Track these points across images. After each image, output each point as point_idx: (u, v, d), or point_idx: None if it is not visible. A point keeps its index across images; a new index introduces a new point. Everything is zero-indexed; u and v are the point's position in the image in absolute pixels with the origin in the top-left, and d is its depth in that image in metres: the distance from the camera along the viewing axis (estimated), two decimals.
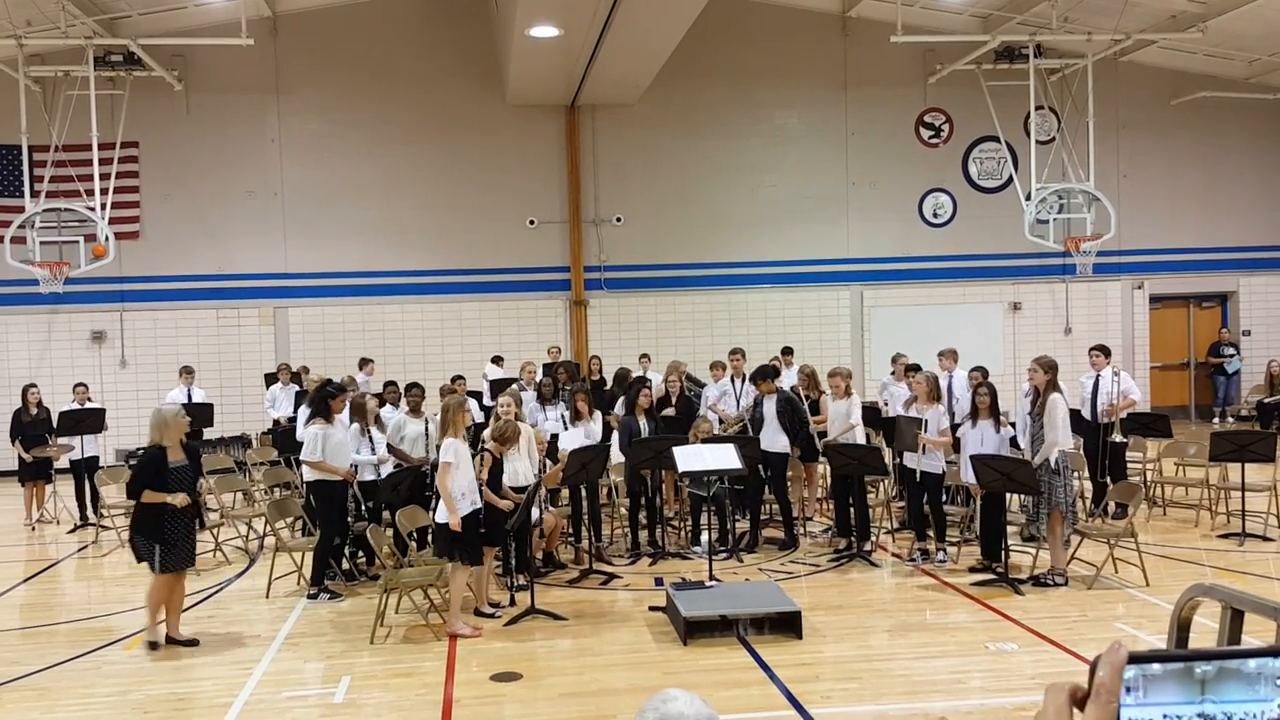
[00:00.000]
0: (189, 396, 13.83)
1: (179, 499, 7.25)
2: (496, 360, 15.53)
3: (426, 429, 9.73)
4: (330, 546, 8.86)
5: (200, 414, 13.66)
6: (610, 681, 6.64)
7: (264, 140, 17.23)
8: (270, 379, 15.39)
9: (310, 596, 8.72)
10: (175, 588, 7.57)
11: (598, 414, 10.48)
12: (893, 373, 12.74)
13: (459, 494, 7.56)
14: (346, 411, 9.30)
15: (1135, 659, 0.89)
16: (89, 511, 12.20)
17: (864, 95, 18.13)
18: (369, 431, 9.39)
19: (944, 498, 9.71)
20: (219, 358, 16.98)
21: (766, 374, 10.54)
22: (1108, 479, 10.54)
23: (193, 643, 7.51)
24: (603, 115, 17.69)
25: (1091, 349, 11.47)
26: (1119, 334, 18.34)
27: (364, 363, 15.19)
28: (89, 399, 13.07)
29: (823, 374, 11.24)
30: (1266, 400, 17.18)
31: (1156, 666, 0.89)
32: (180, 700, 6.49)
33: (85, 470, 12.29)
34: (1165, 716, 0.89)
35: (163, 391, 15.42)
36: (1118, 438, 10.72)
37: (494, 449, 8.18)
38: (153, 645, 7.44)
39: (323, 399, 8.94)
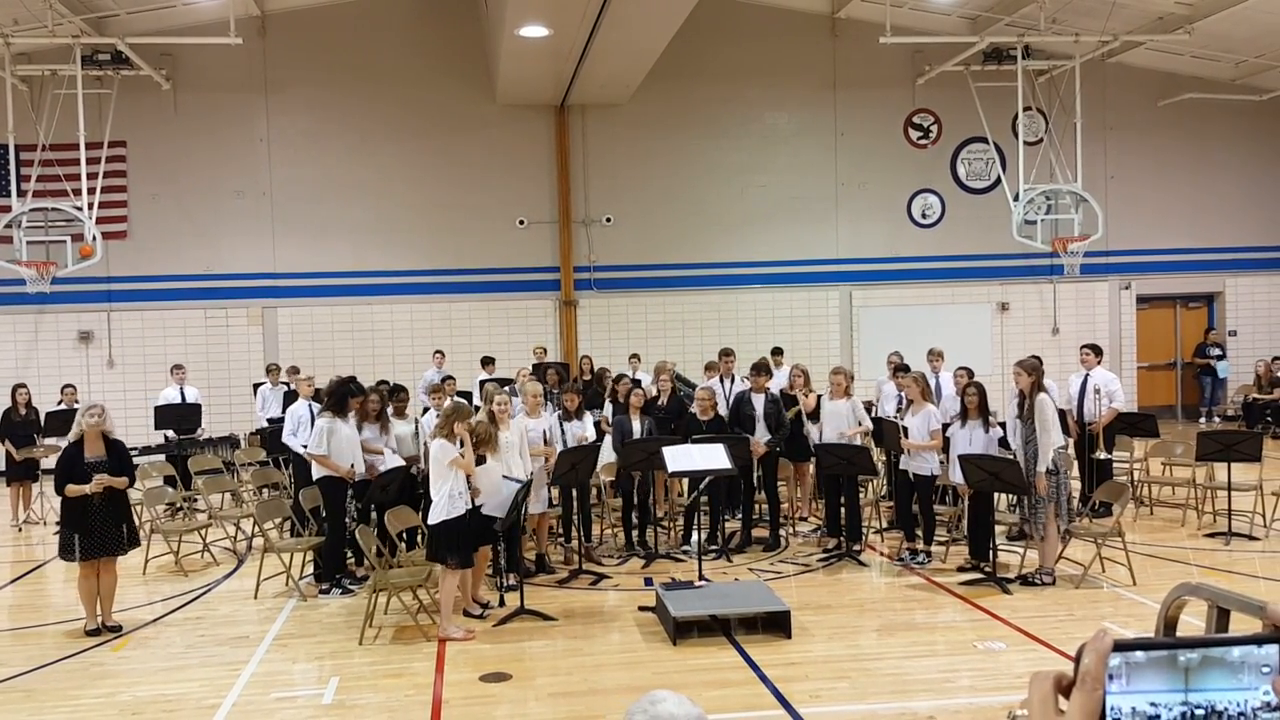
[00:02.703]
0: (181, 395, 13.76)
1: (91, 488, 7.63)
2: (486, 362, 15.48)
3: (417, 429, 9.72)
4: (341, 542, 8.93)
5: (189, 414, 13.61)
6: (600, 682, 6.64)
7: (252, 140, 17.18)
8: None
9: (323, 592, 8.79)
10: (104, 575, 7.92)
11: (588, 415, 10.43)
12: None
13: (455, 492, 7.55)
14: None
15: (1120, 646, 0.90)
16: None
17: (853, 96, 18.17)
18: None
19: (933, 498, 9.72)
20: (207, 358, 16.90)
21: (763, 369, 10.51)
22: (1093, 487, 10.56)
23: (116, 628, 7.94)
24: (592, 115, 17.69)
25: (1083, 347, 11.54)
26: (1106, 334, 18.41)
27: (436, 353, 15.78)
28: (77, 400, 13.01)
29: (813, 374, 11.25)
30: (1255, 399, 17.26)
31: (1141, 654, 0.90)
32: (169, 702, 6.47)
33: None
34: (1151, 704, 0.89)
35: (150, 391, 15.37)
36: (1101, 455, 10.76)
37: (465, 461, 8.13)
38: (91, 632, 7.82)
39: (343, 395, 8.95)
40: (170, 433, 13.51)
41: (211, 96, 17.00)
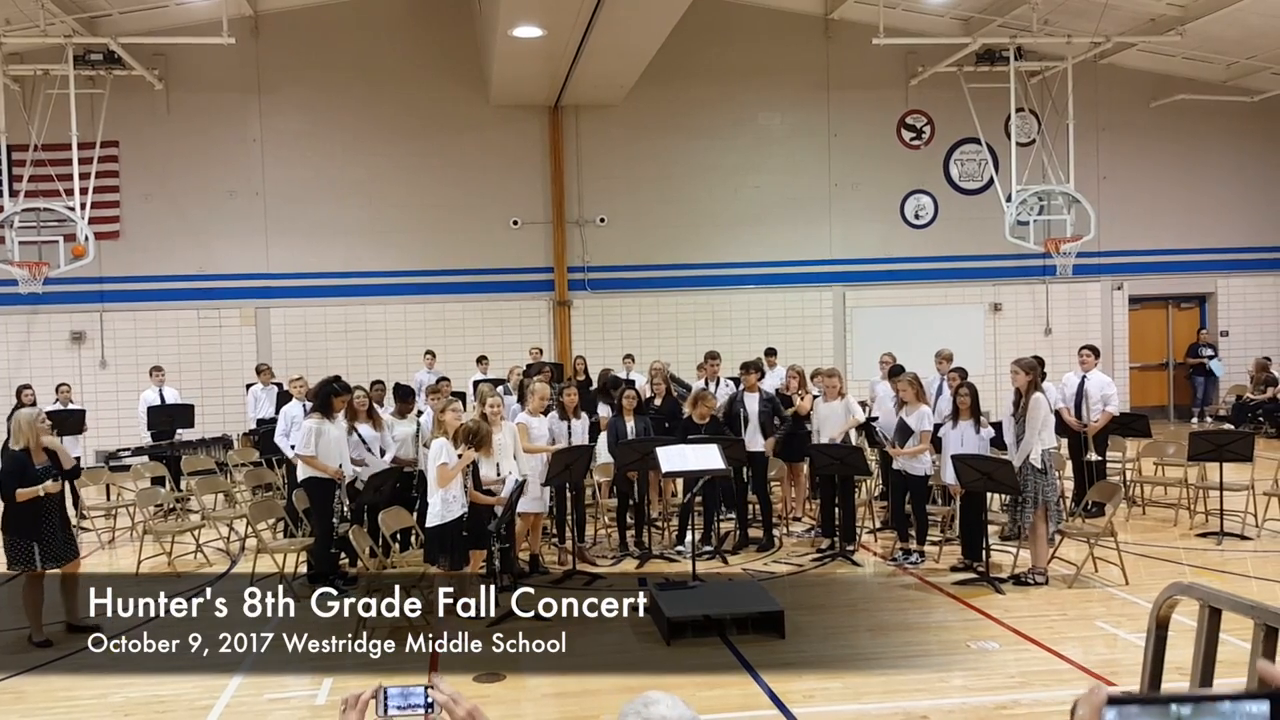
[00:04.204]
0: (160, 397, 13.70)
1: (49, 486, 7.54)
2: (480, 360, 15.47)
3: (418, 431, 9.71)
4: (329, 541, 8.88)
5: (180, 415, 13.57)
6: (593, 682, 6.64)
7: (245, 140, 17.14)
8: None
9: (318, 594, 8.75)
10: (68, 577, 7.72)
11: (585, 417, 10.42)
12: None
13: (450, 495, 7.55)
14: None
15: (1114, 701, 0.91)
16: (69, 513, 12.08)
17: (846, 97, 18.19)
18: (355, 431, 9.34)
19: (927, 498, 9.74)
20: (200, 358, 16.88)
21: (754, 367, 10.52)
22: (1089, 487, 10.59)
23: (95, 626, 7.54)
24: (586, 115, 17.68)
25: (1081, 348, 11.54)
26: (1099, 335, 18.44)
27: (426, 354, 15.47)
28: (70, 400, 12.98)
29: (807, 374, 11.26)
30: (1249, 398, 17.29)
31: (1134, 708, 0.91)
32: (161, 703, 6.46)
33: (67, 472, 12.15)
34: None
35: (143, 392, 15.30)
36: (1092, 456, 10.78)
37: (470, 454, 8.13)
38: (42, 644, 7.53)
39: (327, 395, 8.92)
40: (149, 437, 13.40)
41: (204, 97, 16.96)
